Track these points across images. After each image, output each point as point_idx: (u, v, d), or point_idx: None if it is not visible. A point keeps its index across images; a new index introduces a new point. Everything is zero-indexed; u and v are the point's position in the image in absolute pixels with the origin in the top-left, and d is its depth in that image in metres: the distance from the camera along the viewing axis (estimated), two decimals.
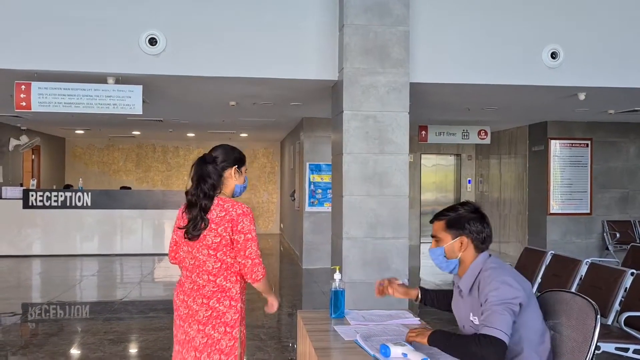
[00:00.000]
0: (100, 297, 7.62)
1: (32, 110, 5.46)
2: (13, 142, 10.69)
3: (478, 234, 2.29)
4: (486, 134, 10.05)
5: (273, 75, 5.69)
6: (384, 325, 2.47)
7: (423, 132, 9.84)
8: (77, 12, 5.37)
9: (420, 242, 12.66)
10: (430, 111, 8.32)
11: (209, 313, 2.49)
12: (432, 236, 2.40)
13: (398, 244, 5.46)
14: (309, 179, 9.50)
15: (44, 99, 5.47)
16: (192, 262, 2.53)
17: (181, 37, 5.49)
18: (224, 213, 2.53)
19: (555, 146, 9.85)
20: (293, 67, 5.67)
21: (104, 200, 10.61)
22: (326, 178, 9.39)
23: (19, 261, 9.99)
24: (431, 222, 2.42)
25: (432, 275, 9.28)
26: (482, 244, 2.30)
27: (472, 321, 2.22)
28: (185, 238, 2.53)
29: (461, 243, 2.28)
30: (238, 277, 2.56)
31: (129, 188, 12.75)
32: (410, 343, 2.15)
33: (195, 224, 2.48)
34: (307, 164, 9.50)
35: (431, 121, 9.73)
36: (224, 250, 2.50)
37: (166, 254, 3.65)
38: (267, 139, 14.42)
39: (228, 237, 2.50)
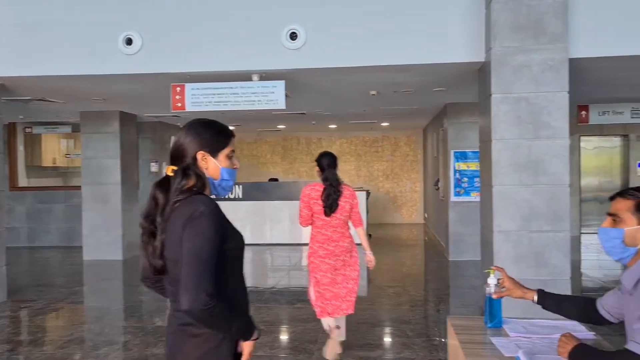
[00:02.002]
0: (253, 284, 8.00)
1: (187, 110, 5.83)
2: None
3: None
4: None
5: (415, 61, 5.47)
6: (550, 340, 2.16)
7: (583, 113, 8.90)
8: (222, 13, 5.60)
9: (581, 233, 11.56)
10: (592, 89, 7.47)
11: (343, 248, 4.29)
12: (609, 214, 2.01)
13: (557, 238, 4.96)
14: (454, 167, 9.08)
15: (197, 99, 5.80)
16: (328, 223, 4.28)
17: (321, 29, 5.48)
18: (347, 192, 4.32)
19: None
20: (436, 51, 5.40)
21: (254, 192, 11.14)
22: (472, 166, 8.90)
23: None
24: (612, 198, 2.04)
25: (597, 270, 8.39)
26: None
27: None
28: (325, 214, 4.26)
29: None
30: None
31: (277, 180, 13.27)
32: None
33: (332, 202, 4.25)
34: (452, 151, 9.08)
35: (592, 100, 8.75)
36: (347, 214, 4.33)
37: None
38: (409, 126, 14.12)
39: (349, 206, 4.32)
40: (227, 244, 1.77)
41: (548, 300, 2.33)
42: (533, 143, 4.95)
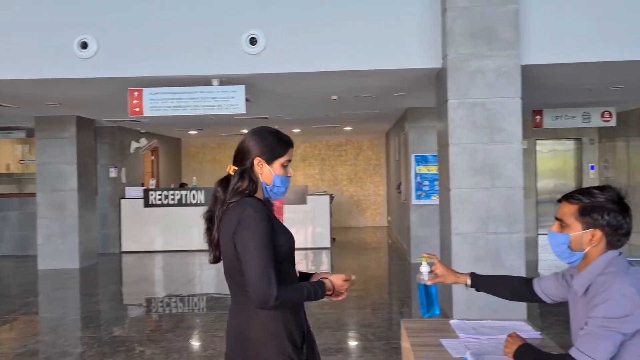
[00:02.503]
0: (215, 291, 7.92)
1: (145, 115, 5.75)
2: (134, 145, 11.44)
3: (615, 229, 1.89)
4: (611, 115, 9.14)
5: (374, 66, 5.53)
6: (497, 340, 2.21)
7: (537, 117, 9.16)
8: (181, 17, 5.55)
9: (538, 234, 11.87)
10: (545, 94, 7.70)
11: None
12: (557, 218, 2.00)
13: (513, 239, 5.09)
14: (415, 170, 9.21)
15: (155, 104, 5.73)
16: None
17: (281, 34, 5.48)
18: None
19: None
20: (394, 57, 5.47)
21: None
22: (433, 169, 9.04)
23: (142, 256, 10.70)
24: (559, 201, 2.03)
25: (553, 269, 8.61)
26: (617, 240, 1.92)
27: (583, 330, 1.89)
28: None
29: (592, 236, 1.90)
30: None
31: None
32: None
33: None
34: (413, 155, 9.21)
35: (546, 105, 9.01)
36: None
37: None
38: (372, 131, 14.25)
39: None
40: (277, 243, 1.94)
41: (481, 282, 2.33)
42: (488, 147, 5.07)
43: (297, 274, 2.12)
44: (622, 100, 8.84)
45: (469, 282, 2.34)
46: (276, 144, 2.04)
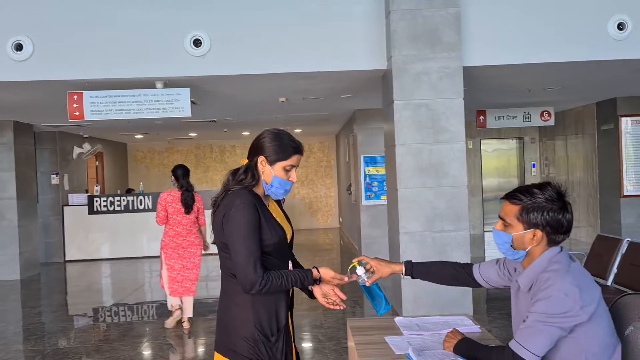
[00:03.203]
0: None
1: (86, 119, 5.57)
2: (76, 150, 11.07)
3: (556, 228, 1.94)
4: (549, 115, 9.50)
5: (320, 68, 5.55)
6: (439, 336, 2.26)
7: (481, 117, 9.42)
8: (122, 18, 5.41)
9: (484, 231, 12.21)
10: (488, 95, 7.93)
11: (190, 241, 5.57)
12: (500, 217, 2.04)
13: (458, 237, 5.20)
14: (365, 171, 9.31)
15: (96, 107, 5.55)
16: None
17: (226, 36, 5.43)
18: (197, 197, 5.66)
19: (626, 123, 9.19)
20: (340, 59, 5.50)
21: None
22: (382, 170, 9.16)
23: (88, 265, 10.36)
24: (502, 199, 2.07)
25: None
26: (558, 238, 1.97)
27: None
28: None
29: (533, 235, 1.95)
30: None
31: None
32: None
33: None
34: (362, 156, 9.31)
35: (489, 105, 9.29)
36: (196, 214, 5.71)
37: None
38: (322, 132, 14.31)
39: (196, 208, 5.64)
40: (262, 237, 2.05)
41: (416, 270, 2.34)
42: (433, 147, 5.17)
43: (292, 268, 2.20)
44: (559, 100, 9.21)
45: (404, 270, 2.34)
46: (281, 148, 2.15)
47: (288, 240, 2.22)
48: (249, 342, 2.06)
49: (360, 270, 2.30)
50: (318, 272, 2.15)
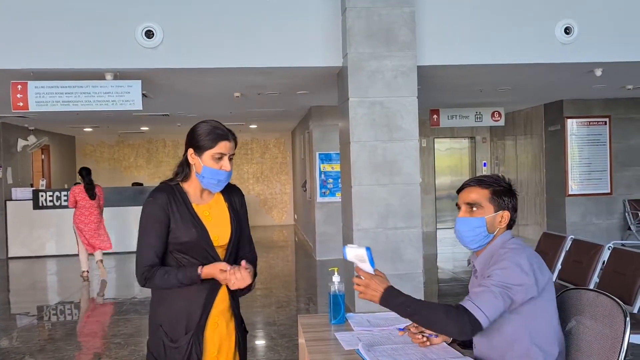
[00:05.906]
0: (112, 296, 7.54)
1: (30, 110, 5.35)
2: (21, 143, 10.63)
3: (515, 211, 2.09)
4: (500, 115, 9.76)
5: (274, 64, 5.50)
6: (389, 331, 2.27)
7: (435, 116, 9.58)
8: (71, 6, 5.22)
9: (437, 228, 12.43)
10: (441, 94, 8.06)
11: (93, 219, 8.08)
12: (468, 203, 2.05)
13: (411, 234, 5.26)
14: (320, 168, 9.31)
15: (42, 98, 5.34)
16: None
17: (178, 28, 5.30)
18: (98, 188, 7.98)
19: (572, 125, 9.53)
20: (295, 55, 5.47)
21: (115, 197, 10.51)
22: (337, 167, 9.18)
23: (32, 262, 9.97)
24: (462, 188, 2.09)
25: (450, 262, 9.07)
26: (513, 222, 2.10)
27: None
28: None
29: (502, 218, 2.05)
30: None
31: (141, 184, 12.67)
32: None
33: None
34: (317, 153, 9.31)
35: (443, 104, 9.46)
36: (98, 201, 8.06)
37: None
38: (277, 129, 14.24)
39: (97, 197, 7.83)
40: (174, 234, 2.05)
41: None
42: (387, 145, 5.21)
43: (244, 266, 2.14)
44: (510, 101, 9.47)
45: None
46: (205, 136, 2.06)
47: (215, 241, 2.10)
48: (153, 339, 2.12)
49: (336, 278, 2.38)
50: (202, 269, 2.03)
